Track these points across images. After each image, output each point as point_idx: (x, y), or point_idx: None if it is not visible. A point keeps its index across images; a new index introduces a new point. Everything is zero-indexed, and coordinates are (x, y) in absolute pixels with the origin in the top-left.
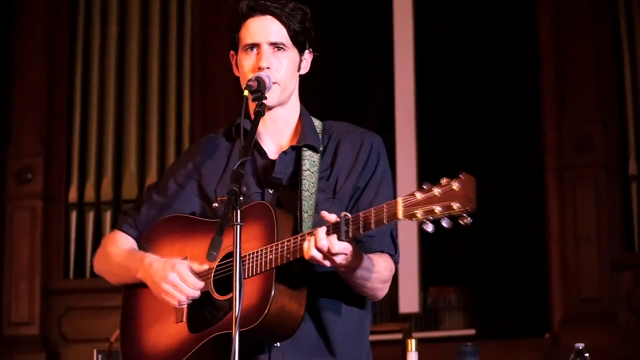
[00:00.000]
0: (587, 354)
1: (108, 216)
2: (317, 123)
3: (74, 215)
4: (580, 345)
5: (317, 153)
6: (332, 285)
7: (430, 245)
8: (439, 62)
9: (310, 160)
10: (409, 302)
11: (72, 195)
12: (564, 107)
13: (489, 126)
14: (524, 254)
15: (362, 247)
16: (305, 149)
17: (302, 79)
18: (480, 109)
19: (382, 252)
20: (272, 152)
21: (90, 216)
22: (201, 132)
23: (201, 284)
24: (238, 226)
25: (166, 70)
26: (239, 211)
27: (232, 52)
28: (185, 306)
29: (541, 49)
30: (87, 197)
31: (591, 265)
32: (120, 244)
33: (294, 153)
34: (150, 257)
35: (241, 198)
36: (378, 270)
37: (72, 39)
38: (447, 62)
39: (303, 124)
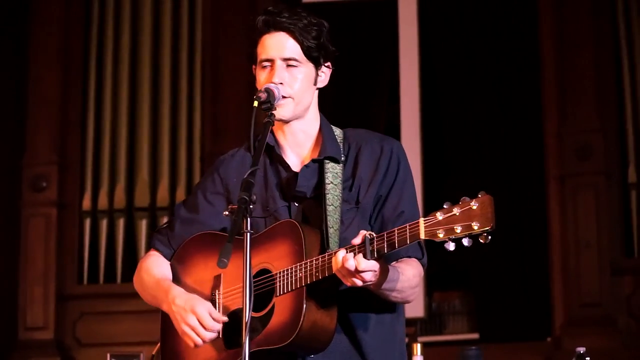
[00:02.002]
0: (588, 358)
1: (121, 223)
2: (337, 132)
3: (87, 222)
4: (582, 349)
5: (339, 164)
6: (362, 295)
7: (435, 252)
8: (443, 72)
9: (333, 172)
10: (414, 307)
11: (86, 203)
12: (565, 116)
13: (492, 134)
14: (526, 259)
15: (391, 253)
16: (327, 161)
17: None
18: (483, 118)
19: (410, 257)
20: (295, 165)
21: (104, 223)
22: (212, 140)
23: (218, 327)
24: (248, 234)
25: (177, 79)
26: (249, 219)
27: (253, 66)
28: (202, 346)
29: (542, 60)
30: (100, 205)
31: (592, 271)
32: (153, 270)
33: (316, 165)
34: (173, 292)
35: (251, 206)
36: (406, 279)
37: (86, 50)
38: (451, 71)
39: (324, 135)
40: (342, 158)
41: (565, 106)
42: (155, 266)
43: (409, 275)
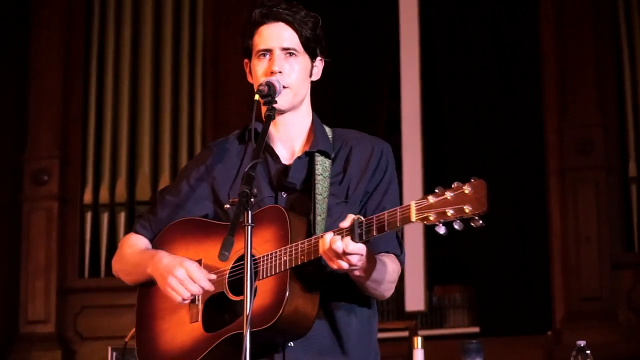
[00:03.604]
0: (588, 352)
1: (122, 217)
2: (327, 130)
3: (89, 216)
4: (582, 343)
5: (329, 159)
6: (344, 287)
7: (436, 245)
8: (443, 67)
9: (323, 166)
10: (415, 300)
11: (87, 197)
12: (566, 111)
13: (493, 129)
14: (526, 253)
15: (368, 247)
16: (318, 154)
17: (310, 83)
18: (484, 113)
19: (388, 252)
20: (285, 157)
21: (105, 217)
22: (213, 135)
23: (207, 284)
24: (249, 227)
25: (178, 75)
26: (250, 212)
27: (245, 60)
28: (186, 303)
29: (543, 55)
30: (101, 199)
31: (592, 265)
32: (135, 244)
33: (307, 158)
34: (161, 254)
35: (252, 200)
36: (387, 272)
37: (87, 45)
38: (452, 66)
39: (315, 130)
40: (333, 154)
41: (566, 100)
42: (139, 242)
43: (389, 269)
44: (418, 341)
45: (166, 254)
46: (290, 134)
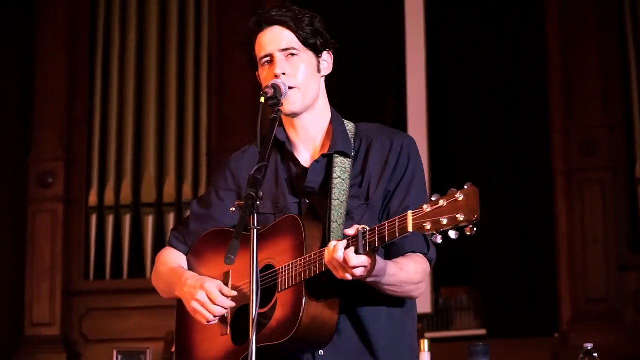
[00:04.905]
0: (595, 354)
1: (127, 219)
2: (349, 127)
3: (94, 218)
4: (590, 346)
5: (349, 159)
6: (370, 289)
7: (442, 247)
8: (449, 67)
9: (341, 167)
10: (421, 302)
11: (92, 199)
12: (571, 112)
13: (499, 130)
14: (533, 255)
15: (394, 248)
16: (337, 155)
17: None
18: (490, 114)
19: (414, 252)
20: (306, 160)
21: (110, 219)
22: (218, 137)
23: (228, 303)
24: (255, 230)
25: (184, 76)
26: (255, 215)
27: (257, 73)
28: (214, 322)
29: (549, 55)
30: (106, 201)
31: (598, 266)
32: (169, 261)
33: (326, 160)
34: (187, 275)
35: (258, 202)
36: (406, 274)
37: (92, 47)
38: (458, 67)
39: (334, 129)
40: (352, 153)
41: (572, 101)
42: (171, 258)
43: (409, 271)
44: (425, 344)
45: (191, 275)
46: (309, 135)
